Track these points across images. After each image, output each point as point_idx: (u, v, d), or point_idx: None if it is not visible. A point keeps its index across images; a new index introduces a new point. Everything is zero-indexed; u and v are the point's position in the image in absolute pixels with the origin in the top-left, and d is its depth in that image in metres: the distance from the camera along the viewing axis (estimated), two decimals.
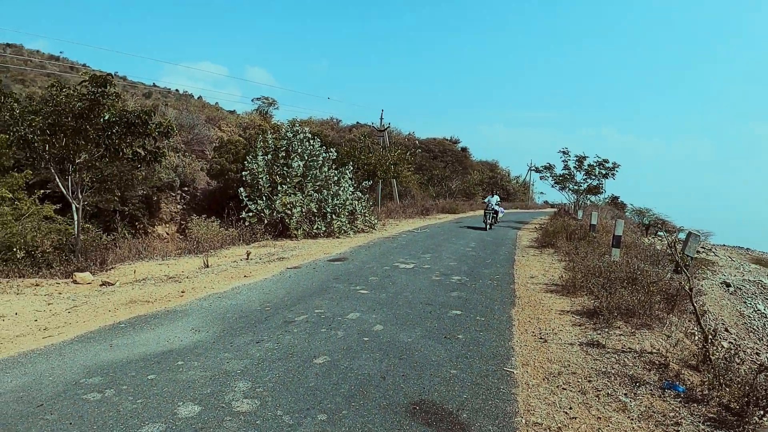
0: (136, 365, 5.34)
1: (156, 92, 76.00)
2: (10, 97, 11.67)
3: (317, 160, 19.32)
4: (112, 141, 11.92)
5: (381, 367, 5.40)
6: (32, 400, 4.51)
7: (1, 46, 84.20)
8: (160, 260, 12.62)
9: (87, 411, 4.29)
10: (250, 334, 6.49)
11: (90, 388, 4.76)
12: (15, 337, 6.46)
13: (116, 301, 8.35)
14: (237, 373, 5.13)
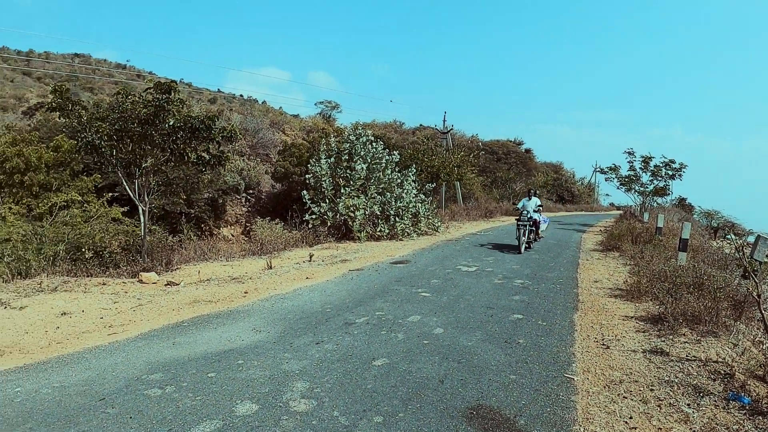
0: (197, 363, 5.60)
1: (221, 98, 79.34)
2: (78, 104, 12.45)
3: (380, 163, 19.70)
4: (176, 146, 12.55)
5: (440, 370, 5.44)
6: (95, 393, 4.81)
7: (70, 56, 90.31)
8: (224, 261, 13.11)
9: (147, 406, 4.53)
10: (311, 335, 6.67)
11: (151, 384, 5.03)
12: (81, 333, 6.90)
13: (180, 300, 8.77)
14: (296, 374, 5.28)
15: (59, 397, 4.74)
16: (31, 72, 76.29)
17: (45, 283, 9.49)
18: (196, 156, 12.98)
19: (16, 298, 8.45)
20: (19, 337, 6.66)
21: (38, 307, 7.95)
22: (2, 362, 5.74)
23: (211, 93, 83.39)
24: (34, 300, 8.35)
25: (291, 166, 26.16)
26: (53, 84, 12.75)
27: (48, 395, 4.78)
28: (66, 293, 8.94)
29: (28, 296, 8.60)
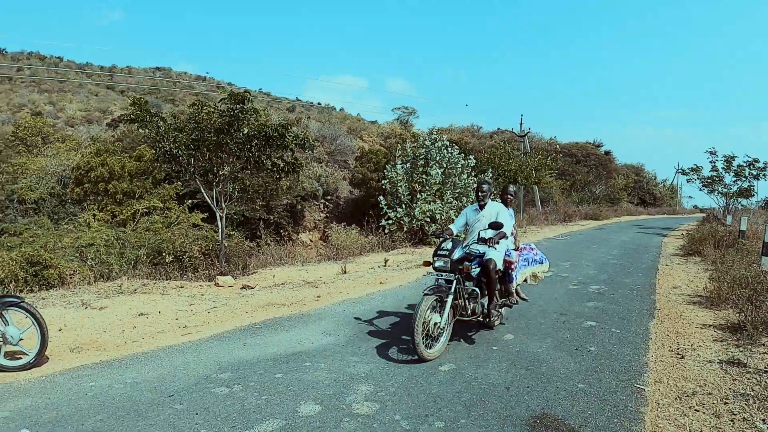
0: (266, 364, 5.80)
1: (299, 106, 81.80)
2: (156, 116, 13.19)
3: (456, 168, 19.76)
4: (252, 154, 13.07)
5: (506, 377, 5.40)
6: (165, 390, 5.07)
7: (152, 70, 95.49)
8: (300, 266, 13.47)
9: (213, 403, 4.73)
10: (379, 340, 6.75)
11: (219, 382, 5.24)
12: (156, 333, 7.28)
13: (254, 303, 9.08)
14: (361, 377, 5.37)
15: (131, 392, 5.02)
16: (115, 86, 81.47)
17: (125, 286, 10.08)
18: (271, 163, 13.42)
19: (97, 298, 9.03)
20: (97, 336, 7.08)
21: (117, 308, 8.45)
22: (80, 358, 6.13)
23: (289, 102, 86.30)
24: (114, 301, 8.89)
25: (368, 172, 26.57)
26: (134, 97, 13.58)
27: (120, 390, 5.07)
28: (144, 295, 9.47)
29: (109, 297, 9.16)
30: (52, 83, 76.30)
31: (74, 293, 9.55)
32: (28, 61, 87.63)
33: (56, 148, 25.32)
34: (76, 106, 64.04)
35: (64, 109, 62.04)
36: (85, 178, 18.20)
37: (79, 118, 56.73)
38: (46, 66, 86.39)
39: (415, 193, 19.12)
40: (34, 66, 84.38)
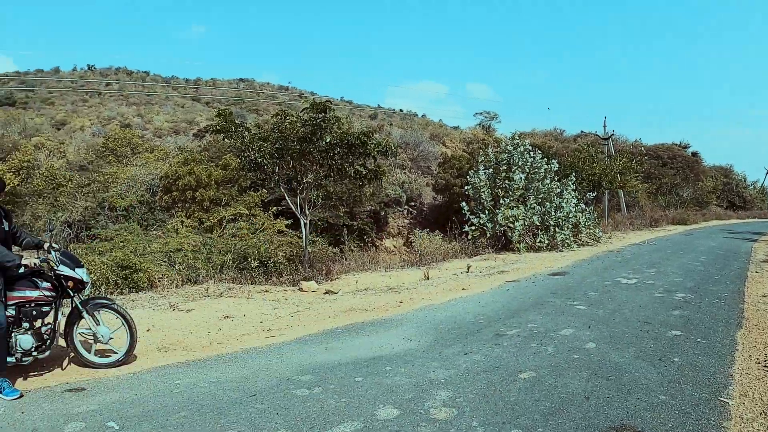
0: (346, 367, 5.91)
1: (381, 113, 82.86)
2: (241, 126, 13.76)
3: (539, 173, 19.69)
4: (334, 161, 13.39)
5: (586, 386, 5.28)
6: (247, 390, 5.26)
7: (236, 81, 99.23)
8: (383, 272, 13.68)
9: (294, 404, 4.86)
10: (460, 345, 6.78)
11: (300, 384, 5.38)
12: (241, 335, 7.58)
13: (337, 308, 9.28)
14: (440, 382, 5.38)
15: (214, 390, 5.24)
16: (200, 98, 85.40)
17: (212, 289, 10.53)
18: (353, 171, 13.69)
19: (185, 301, 9.49)
20: (183, 337, 7.45)
21: (204, 311, 8.85)
22: (166, 357, 6.47)
23: (371, 109, 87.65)
24: (200, 304, 9.32)
25: (451, 178, 26.64)
26: (218, 108, 14.20)
27: (204, 389, 5.30)
28: (230, 299, 9.87)
29: (196, 300, 9.62)
30: (139, 96, 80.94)
31: (162, 296, 10.08)
32: (116, 76, 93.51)
33: (145, 158, 26.70)
34: (164, 118, 67.54)
35: (151, 120, 65.54)
36: (173, 187, 19.09)
37: (167, 129, 59.69)
38: (133, 80, 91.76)
39: (498, 198, 19.17)
40: (122, 81, 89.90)
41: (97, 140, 35.98)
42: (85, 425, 4.51)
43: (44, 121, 56.03)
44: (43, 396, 5.22)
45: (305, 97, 77.45)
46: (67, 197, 20.57)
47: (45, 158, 28.79)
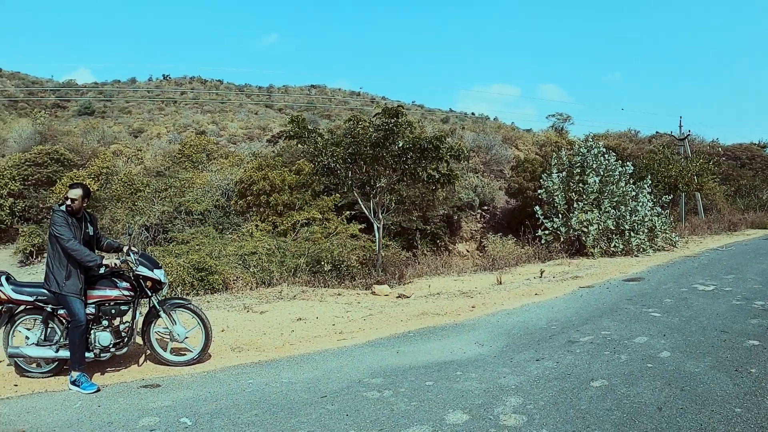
0: (417, 371, 5.94)
1: (453, 117, 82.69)
2: (314, 131, 14.06)
3: (613, 175, 19.22)
4: (407, 166, 13.52)
5: (659, 396, 5.11)
6: (318, 391, 5.37)
7: (307, 88, 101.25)
8: (455, 276, 13.67)
9: (364, 406, 4.93)
10: (532, 351, 6.70)
11: (371, 387, 5.45)
12: (313, 337, 7.73)
13: (409, 312, 9.32)
14: (511, 388, 5.33)
15: (286, 391, 5.38)
16: (273, 104, 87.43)
17: (285, 292, 10.78)
18: (426, 175, 13.76)
19: (259, 303, 9.77)
20: (257, 337, 7.66)
21: (277, 313, 9.08)
22: (240, 357, 6.68)
23: (443, 113, 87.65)
24: (274, 306, 9.57)
25: (524, 182, 26.46)
26: (291, 114, 14.59)
27: (276, 389, 5.44)
28: (303, 301, 10.08)
29: (269, 302, 9.88)
30: (214, 104, 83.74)
31: (237, 297, 10.42)
32: (191, 85, 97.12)
33: (220, 163, 27.61)
34: (238, 125, 69.53)
35: (226, 127, 67.54)
36: (248, 191, 19.65)
37: (241, 136, 61.34)
38: (207, 89, 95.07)
39: (572, 202, 18.85)
40: (196, 89, 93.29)
41: (173, 147, 37.36)
42: (159, 420, 4.72)
43: (122, 130, 58.54)
44: (119, 391, 5.52)
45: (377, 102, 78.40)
46: (145, 202, 21.52)
47: (123, 164, 30.23)
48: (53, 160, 26.96)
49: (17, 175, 25.79)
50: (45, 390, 5.63)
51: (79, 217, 5.98)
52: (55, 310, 5.92)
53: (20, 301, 5.94)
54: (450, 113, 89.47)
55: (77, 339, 5.66)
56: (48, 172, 26.30)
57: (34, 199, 25.46)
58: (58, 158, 27.20)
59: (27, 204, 25.42)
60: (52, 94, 79.45)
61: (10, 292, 5.91)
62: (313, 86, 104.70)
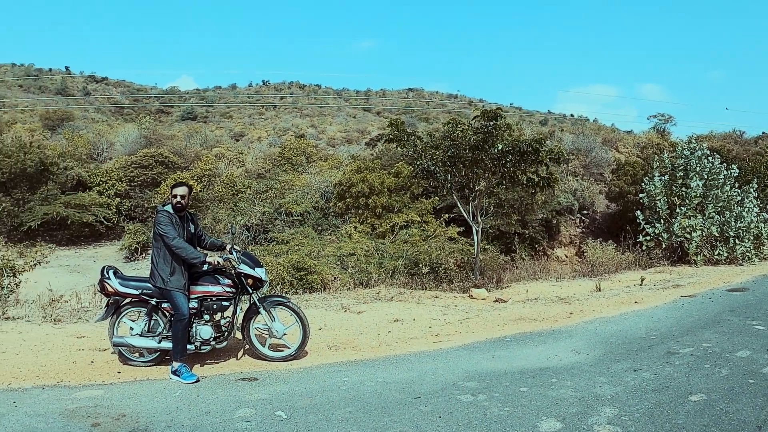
0: (512, 377, 5.90)
1: (551, 119, 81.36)
2: (413, 135, 14.19)
3: (718, 179, 18.17)
4: (507, 169, 13.40)
5: (760, 414, 4.85)
6: (412, 392, 5.43)
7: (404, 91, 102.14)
8: (553, 282, 13.48)
9: (457, 409, 4.96)
10: (629, 361, 6.50)
11: (465, 390, 5.46)
12: (409, 339, 7.81)
13: (506, 316, 9.24)
14: (606, 398, 5.21)
15: (380, 390, 5.48)
16: (371, 108, 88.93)
17: (383, 293, 10.93)
18: (526, 178, 13.61)
19: (356, 303, 9.95)
20: (354, 337, 7.83)
21: (374, 313, 9.22)
22: (336, 355, 6.86)
23: (541, 115, 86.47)
24: (371, 307, 9.72)
25: (625, 185, 25.67)
26: (390, 118, 14.79)
27: (370, 388, 5.55)
28: (400, 303, 10.18)
29: (367, 303, 10.04)
30: (312, 108, 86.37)
31: (335, 297, 10.67)
32: (290, 90, 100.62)
33: (319, 166, 28.33)
34: (336, 128, 71.33)
35: (324, 131, 69.40)
36: (347, 194, 20.05)
37: (339, 139, 62.81)
38: (306, 93, 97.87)
39: (675, 207, 18.02)
40: (295, 94, 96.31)
41: (273, 150, 38.59)
42: (255, 412, 4.93)
43: (223, 133, 61.18)
44: (218, 383, 5.81)
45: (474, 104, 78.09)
46: (246, 203, 22.39)
47: (225, 167, 31.49)
48: (158, 162, 28.55)
49: (124, 177, 27.55)
50: (146, 378, 6.01)
51: (182, 216, 6.34)
52: (159, 303, 6.30)
53: (126, 294, 6.36)
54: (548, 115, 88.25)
55: (180, 332, 5.99)
56: (153, 173, 27.92)
57: (140, 199, 27.11)
58: (163, 161, 28.77)
59: (132, 204, 27.10)
60: (156, 100, 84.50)
61: (118, 285, 6.36)
62: (410, 89, 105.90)
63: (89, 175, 27.62)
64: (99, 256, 23.65)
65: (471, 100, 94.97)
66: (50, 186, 25.98)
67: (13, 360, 6.57)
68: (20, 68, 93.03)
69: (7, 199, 24.76)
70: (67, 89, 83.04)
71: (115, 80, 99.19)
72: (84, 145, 32.45)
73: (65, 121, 49.82)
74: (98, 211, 25.22)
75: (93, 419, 4.81)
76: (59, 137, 37.60)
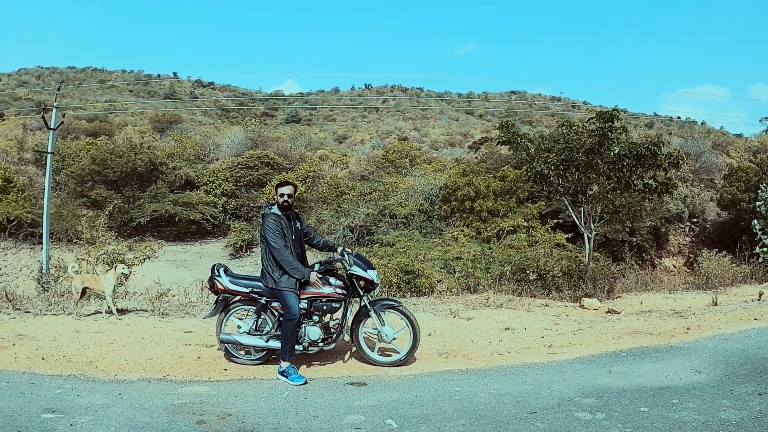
0: (631, 395, 5.53)
1: (658, 121, 77.97)
2: (525, 137, 13.86)
3: None
4: (622, 173, 12.80)
5: None
6: (527, 406, 5.18)
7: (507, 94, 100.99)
8: (666, 294, 12.82)
9: (575, 427, 4.67)
10: (753, 383, 5.97)
11: (582, 407, 5.15)
12: (521, 349, 7.54)
13: (620, 329, 8.78)
14: (732, 424, 4.78)
15: (494, 402, 5.26)
16: (473, 111, 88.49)
17: (491, 299, 10.72)
18: (641, 183, 13.00)
19: (465, 309, 9.76)
20: (464, 345, 7.63)
21: (484, 320, 9.00)
22: (447, 363, 6.70)
23: (647, 117, 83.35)
24: (480, 313, 9.51)
25: (738, 192, 24.38)
26: (499, 120, 14.50)
27: (483, 399, 5.34)
28: (510, 310, 9.91)
29: (475, 309, 9.83)
30: (415, 111, 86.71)
31: (443, 302, 10.52)
32: (392, 93, 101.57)
33: (423, 169, 28.36)
34: (439, 131, 71.26)
35: (427, 134, 69.36)
36: (452, 197, 19.96)
37: (442, 142, 62.63)
38: (408, 96, 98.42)
39: None
40: (397, 97, 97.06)
41: (376, 153, 39.01)
42: (365, 419, 4.83)
43: (327, 136, 62.45)
44: (326, 386, 5.77)
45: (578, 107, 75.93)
46: (350, 204, 22.68)
47: (329, 168, 32.15)
48: (263, 163, 29.52)
49: (230, 177, 28.73)
50: (253, 377, 6.06)
51: (288, 214, 6.37)
52: (269, 302, 6.35)
53: (236, 291, 6.46)
54: (654, 117, 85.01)
55: (290, 331, 5.99)
56: (258, 174, 28.91)
57: (245, 199, 28.16)
58: (268, 162, 29.72)
59: (238, 203, 28.22)
60: (261, 104, 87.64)
61: (228, 283, 6.46)
62: (512, 92, 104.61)
63: (197, 174, 29.03)
64: (205, 253, 24.71)
65: (575, 103, 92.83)
66: (159, 185, 27.50)
67: (121, 351, 6.83)
68: (130, 74, 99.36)
69: (119, 196, 26.36)
70: (175, 93, 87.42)
71: (221, 85, 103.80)
72: (192, 146, 34.13)
73: (174, 123, 52.71)
74: (205, 210, 26.45)
75: (198, 416, 4.86)
76: (168, 139, 39.75)
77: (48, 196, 16.44)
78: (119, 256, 11.61)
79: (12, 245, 24.80)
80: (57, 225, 22.98)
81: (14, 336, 7.34)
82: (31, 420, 4.68)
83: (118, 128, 47.47)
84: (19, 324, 8.02)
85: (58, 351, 6.79)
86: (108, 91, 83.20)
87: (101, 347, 6.98)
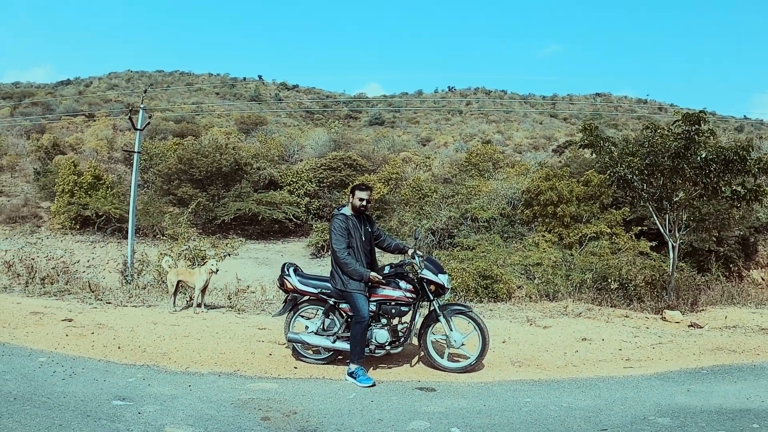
0: (708, 416, 5.21)
1: (748, 125, 73.97)
2: (608, 141, 13.37)
3: None
4: (709, 179, 12.14)
5: None
6: (598, 422, 4.96)
7: (592, 96, 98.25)
8: (753, 308, 11.97)
9: None
10: None
11: (656, 427, 4.89)
12: (597, 361, 7.25)
13: (702, 345, 8.30)
14: None
15: (564, 417, 5.07)
16: (557, 114, 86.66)
17: (570, 308, 10.39)
18: (730, 190, 12.32)
19: (542, 317, 9.49)
20: (538, 354, 7.41)
21: (560, 329, 8.72)
22: (518, 372, 6.52)
23: (737, 120, 79.26)
24: (557, 322, 9.22)
25: None
26: (582, 123, 14.05)
27: (553, 412, 5.16)
28: (588, 320, 9.57)
29: (553, 317, 9.55)
30: (498, 114, 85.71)
31: (520, 309, 10.28)
32: (475, 95, 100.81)
33: (506, 172, 27.95)
34: (523, 134, 70.11)
35: (511, 137, 68.36)
36: (534, 201, 19.58)
37: (526, 145, 61.59)
38: (491, 99, 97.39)
39: None
40: (481, 100, 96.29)
41: (459, 155, 38.79)
42: (430, 426, 4.75)
43: (410, 138, 62.57)
44: (393, 389, 5.73)
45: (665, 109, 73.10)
46: (432, 207, 22.64)
47: (412, 171, 32.16)
48: (346, 165, 29.86)
49: (313, 177, 29.18)
50: (322, 377, 6.09)
51: (360, 217, 6.40)
52: (337, 303, 6.37)
53: (305, 292, 6.52)
54: (744, 121, 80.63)
55: (359, 334, 5.99)
56: (341, 175, 29.28)
57: (328, 199, 28.55)
58: (351, 163, 30.04)
59: (321, 203, 28.64)
60: (345, 106, 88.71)
61: (297, 283, 6.54)
62: (597, 95, 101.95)
63: (280, 175, 29.65)
64: (286, 251, 25.21)
65: (662, 105, 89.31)
66: (243, 184, 28.27)
67: (195, 344, 7.02)
68: (216, 77, 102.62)
69: (204, 194, 27.28)
70: (260, 96, 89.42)
71: (306, 87, 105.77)
72: (276, 147, 34.91)
73: (258, 125, 53.98)
74: (288, 209, 27.00)
75: (264, 412, 4.92)
76: (253, 140, 40.79)
77: (134, 192, 17.13)
78: (201, 252, 11.95)
79: (101, 239, 26.29)
80: (143, 221, 24.01)
81: (94, 325, 7.71)
82: (101, 406, 4.88)
83: (205, 129, 49.28)
84: (99, 314, 8.43)
85: (134, 341, 7.07)
86: (195, 93, 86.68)
87: (176, 339, 7.22)
